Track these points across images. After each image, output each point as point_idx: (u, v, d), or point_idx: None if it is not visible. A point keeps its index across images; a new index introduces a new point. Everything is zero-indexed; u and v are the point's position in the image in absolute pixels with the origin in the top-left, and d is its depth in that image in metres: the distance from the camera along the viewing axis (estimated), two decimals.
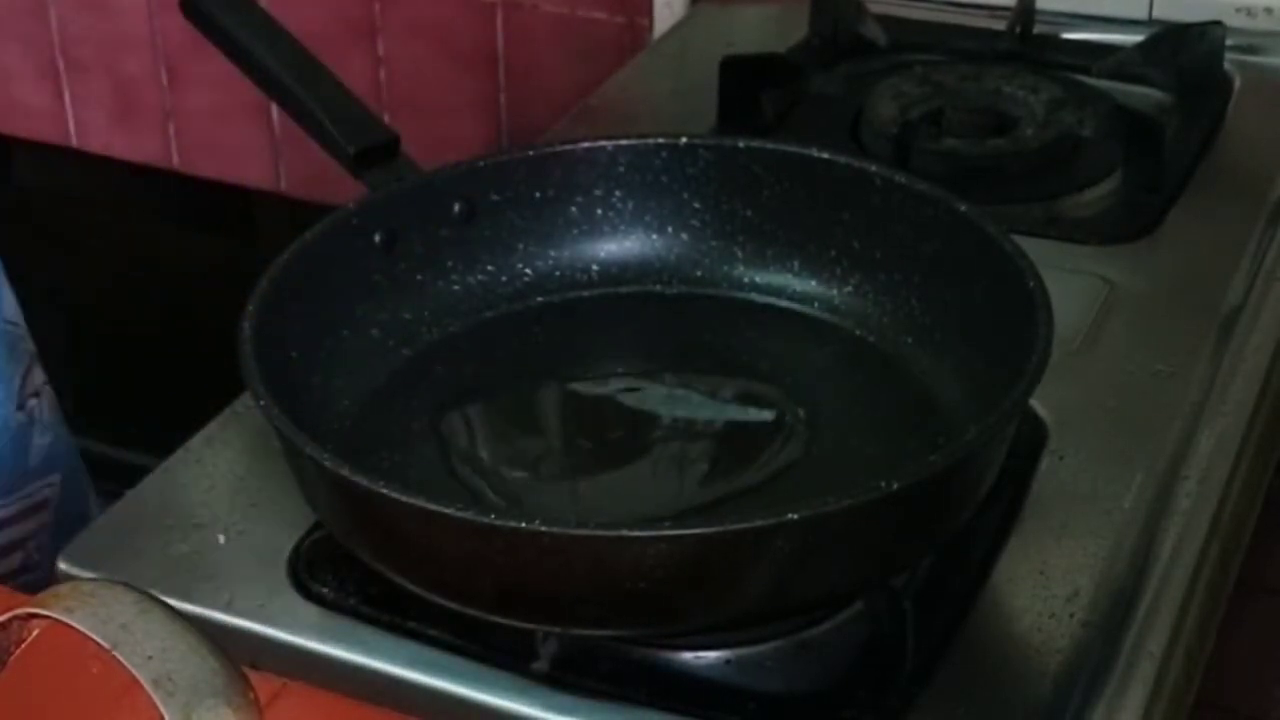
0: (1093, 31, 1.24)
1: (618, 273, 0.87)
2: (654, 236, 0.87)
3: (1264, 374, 0.90)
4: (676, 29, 1.35)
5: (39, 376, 1.02)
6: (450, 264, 0.85)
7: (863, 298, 0.84)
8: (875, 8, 1.24)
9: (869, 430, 0.79)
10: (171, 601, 0.55)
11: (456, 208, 0.84)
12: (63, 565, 0.78)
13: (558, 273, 0.87)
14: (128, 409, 1.90)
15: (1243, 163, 1.10)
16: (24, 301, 1.12)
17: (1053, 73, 1.15)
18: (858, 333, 0.84)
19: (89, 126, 1.76)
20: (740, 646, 0.71)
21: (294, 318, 0.76)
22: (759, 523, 0.62)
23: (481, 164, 0.85)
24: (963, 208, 0.79)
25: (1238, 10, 1.23)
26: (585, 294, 0.87)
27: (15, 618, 0.54)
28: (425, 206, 0.83)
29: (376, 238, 0.82)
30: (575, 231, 0.87)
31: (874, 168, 0.84)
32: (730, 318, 0.86)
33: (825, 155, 0.84)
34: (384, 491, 0.63)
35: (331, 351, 0.79)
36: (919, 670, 0.70)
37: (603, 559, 0.63)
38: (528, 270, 0.86)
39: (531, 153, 0.87)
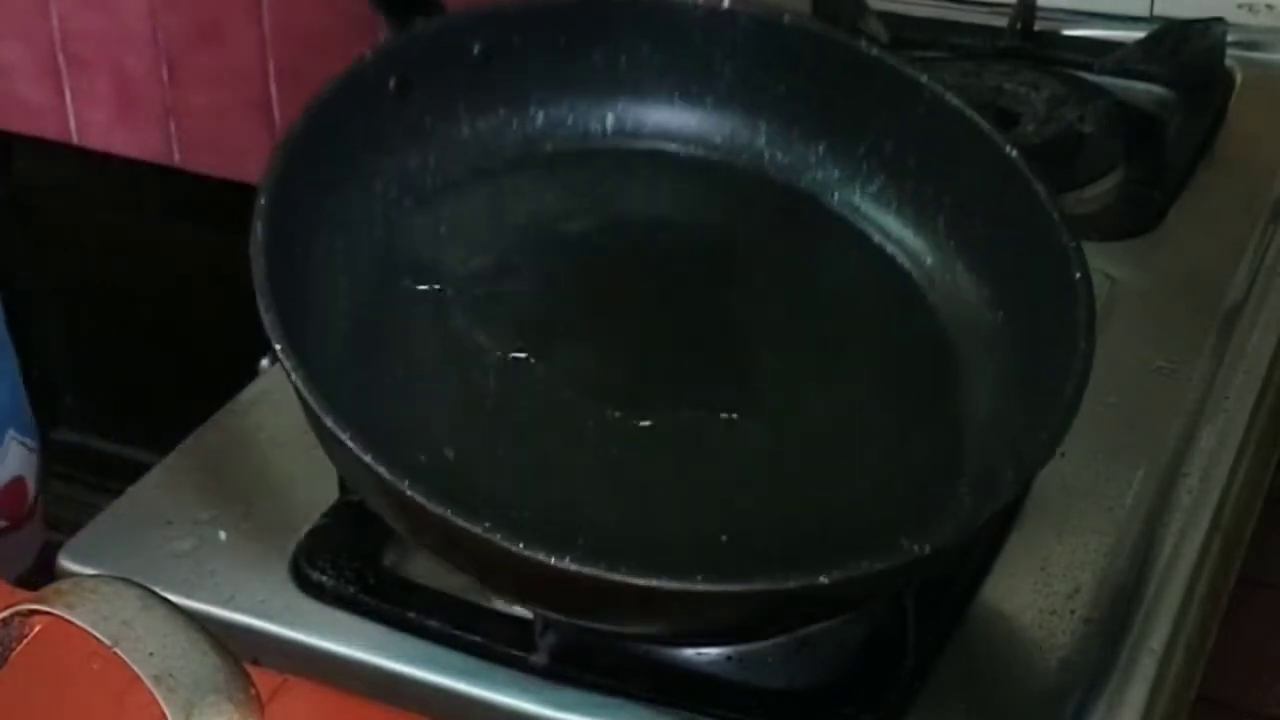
0: (1094, 28, 1.24)
1: (633, 128, 0.82)
2: (676, 95, 0.82)
3: (1265, 370, 0.90)
4: None
5: None
6: (462, 107, 0.79)
7: (885, 201, 0.80)
8: (876, 4, 1.24)
9: (873, 392, 0.76)
10: (173, 598, 0.55)
11: (476, 48, 0.79)
12: (64, 562, 0.78)
13: (570, 119, 0.82)
14: (128, 405, 1.90)
15: (1244, 159, 1.10)
16: (25, 298, 1.12)
17: (1054, 69, 1.15)
18: (875, 240, 0.79)
19: (90, 123, 1.76)
20: (742, 643, 0.71)
21: (304, 176, 0.72)
22: (791, 584, 0.61)
23: (509, 7, 0.80)
24: (1013, 152, 0.75)
25: (1239, 6, 1.23)
26: (596, 146, 0.82)
27: (16, 614, 0.54)
28: (443, 47, 0.78)
29: (391, 83, 0.77)
30: (594, 81, 0.81)
31: (924, 79, 0.78)
32: (744, 196, 0.82)
33: (874, 52, 0.79)
34: (409, 494, 0.62)
35: (334, 212, 0.75)
36: (920, 667, 0.70)
37: (635, 599, 0.63)
38: (540, 115, 0.81)
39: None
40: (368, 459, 0.62)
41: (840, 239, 0.80)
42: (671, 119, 0.82)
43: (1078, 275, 0.70)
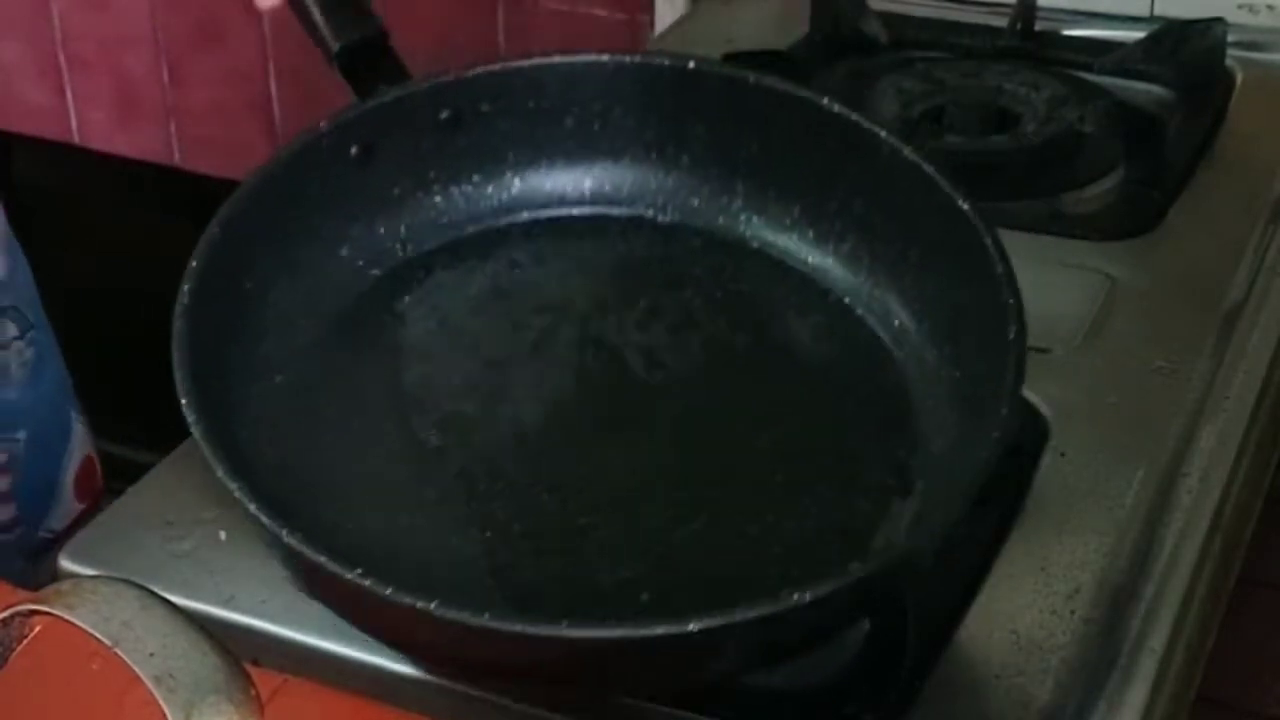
0: (1094, 28, 1.24)
1: (611, 192, 0.82)
2: (653, 157, 0.82)
3: (1265, 370, 0.90)
4: (677, 26, 1.35)
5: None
6: (432, 174, 0.79)
7: (859, 261, 0.79)
8: (877, 4, 1.24)
9: (835, 422, 0.76)
10: (173, 598, 0.55)
11: (444, 115, 0.79)
12: (64, 562, 0.78)
13: (548, 185, 0.81)
14: (129, 406, 1.90)
15: (1244, 159, 1.10)
16: None
17: (1054, 69, 1.15)
18: (846, 300, 0.79)
19: (91, 123, 1.76)
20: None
21: (256, 237, 0.72)
22: (658, 631, 0.59)
23: (473, 73, 0.79)
24: (965, 205, 0.73)
25: (1239, 7, 1.23)
26: (574, 212, 0.81)
27: (17, 614, 0.54)
28: (408, 114, 0.78)
29: (352, 151, 0.77)
30: (570, 144, 0.81)
31: (883, 133, 0.78)
32: (719, 264, 0.81)
33: (836, 108, 0.78)
34: (287, 540, 0.62)
35: (298, 270, 0.74)
36: (920, 667, 0.70)
37: (590, 655, 0.62)
38: (516, 181, 0.81)
39: (528, 63, 0.80)
40: (251, 508, 0.63)
41: (814, 304, 0.80)
42: (649, 181, 0.82)
43: (1011, 334, 0.69)
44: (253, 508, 0.63)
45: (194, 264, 0.70)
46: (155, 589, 0.54)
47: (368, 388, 0.76)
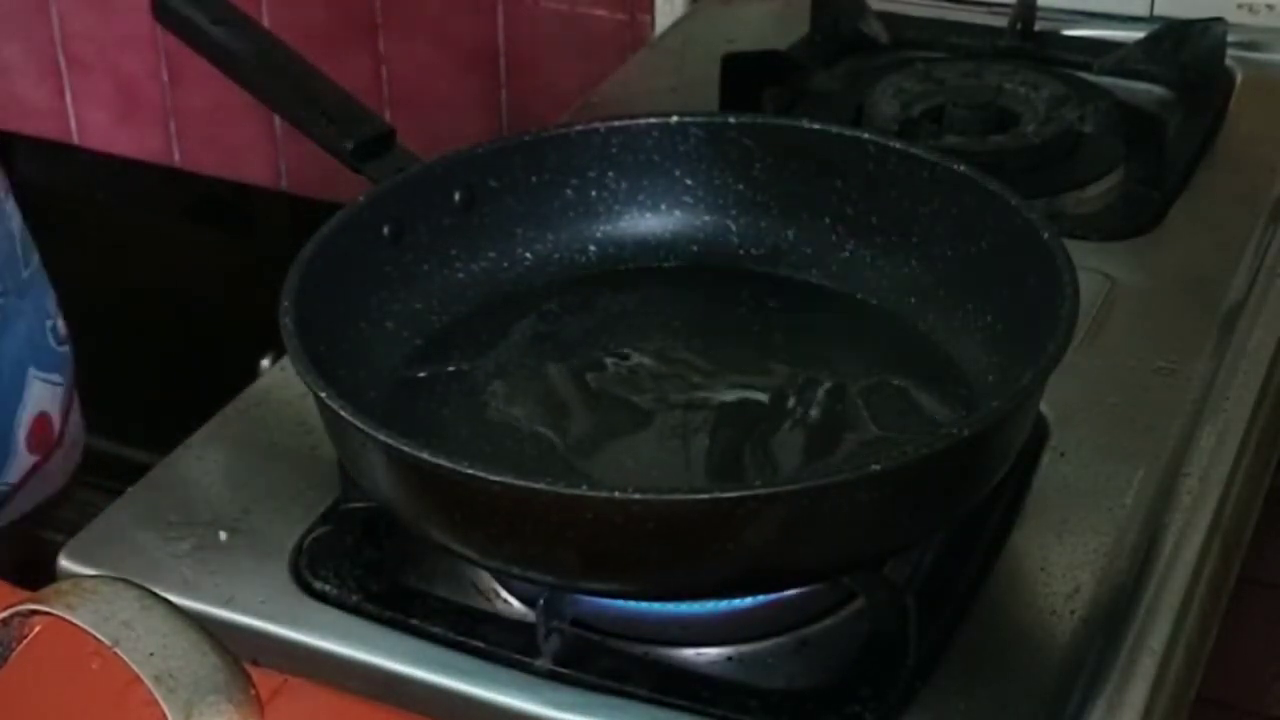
0: (1094, 28, 1.24)
1: (615, 252, 0.88)
2: (648, 215, 0.88)
3: (1265, 370, 0.90)
4: (678, 26, 1.35)
5: None
6: (454, 253, 0.85)
7: (860, 261, 0.85)
8: (877, 5, 1.24)
9: (887, 390, 0.79)
10: (173, 598, 0.55)
11: (457, 196, 0.85)
12: (64, 562, 0.78)
13: (556, 255, 0.88)
14: (129, 406, 1.90)
15: (1244, 159, 1.10)
16: None
17: (1054, 69, 1.15)
18: (859, 296, 0.85)
19: (90, 124, 1.76)
20: (742, 643, 0.72)
21: (319, 312, 0.76)
22: (845, 476, 0.65)
23: (480, 150, 0.86)
24: (961, 168, 0.81)
25: (1239, 7, 1.23)
26: (584, 274, 0.88)
27: (16, 614, 0.54)
28: (428, 196, 0.84)
29: (385, 230, 0.82)
30: (571, 214, 0.88)
31: (866, 135, 0.85)
32: (730, 290, 0.87)
33: (816, 126, 0.86)
34: (471, 472, 0.64)
35: (354, 343, 0.79)
36: (921, 667, 0.70)
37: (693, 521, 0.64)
38: (527, 254, 0.87)
39: (527, 138, 0.87)
40: (382, 437, 0.66)
41: (829, 305, 0.86)
42: (649, 236, 0.89)
43: (1045, 236, 0.75)
44: (383, 437, 0.66)
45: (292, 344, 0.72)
46: (155, 588, 0.54)
47: (446, 426, 0.80)
